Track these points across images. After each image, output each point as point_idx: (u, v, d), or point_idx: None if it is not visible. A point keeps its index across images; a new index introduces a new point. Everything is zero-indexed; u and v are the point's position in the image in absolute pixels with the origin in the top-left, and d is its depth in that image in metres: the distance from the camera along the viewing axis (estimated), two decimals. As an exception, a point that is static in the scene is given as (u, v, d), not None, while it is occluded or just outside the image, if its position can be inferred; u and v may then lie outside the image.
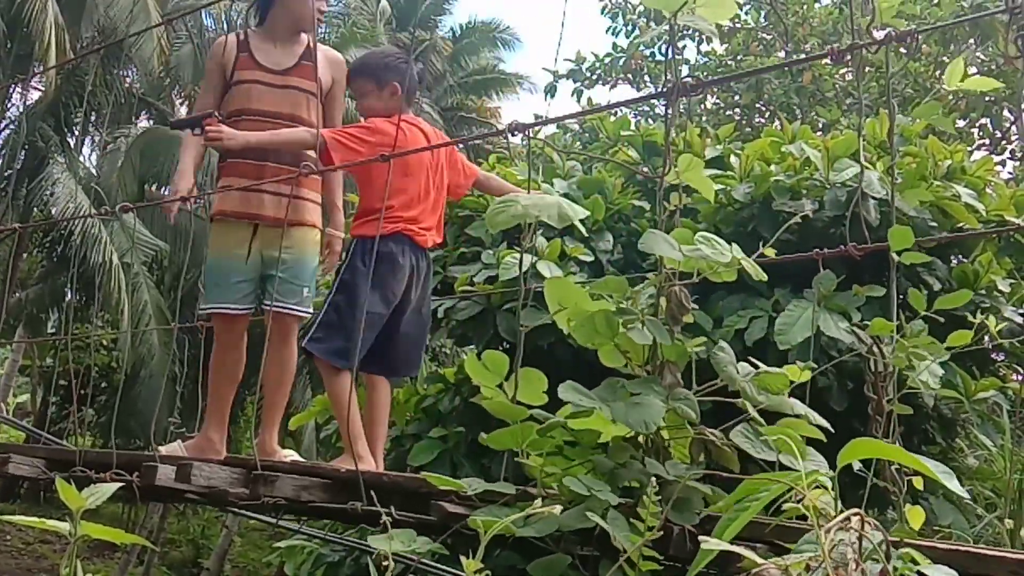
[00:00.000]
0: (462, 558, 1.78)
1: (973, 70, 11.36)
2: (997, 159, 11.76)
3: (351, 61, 4.47)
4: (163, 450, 3.80)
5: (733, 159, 5.66)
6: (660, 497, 2.06)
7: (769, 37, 13.02)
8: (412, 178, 3.84)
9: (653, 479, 2.01)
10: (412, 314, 3.92)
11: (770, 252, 2.45)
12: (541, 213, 2.30)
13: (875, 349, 2.34)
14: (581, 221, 3.41)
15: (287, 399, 4.36)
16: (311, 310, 4.12)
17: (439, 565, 4.19)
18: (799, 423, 2.13)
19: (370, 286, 3.56)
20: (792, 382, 2.32)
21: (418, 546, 2.14)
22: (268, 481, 2.90)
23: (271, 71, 4.18)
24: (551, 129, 11.62)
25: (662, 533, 2.02)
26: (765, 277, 2.41)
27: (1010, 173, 12.01)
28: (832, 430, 2.29)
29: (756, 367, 2.35)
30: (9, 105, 19.76)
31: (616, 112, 6.98)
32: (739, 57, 12.80)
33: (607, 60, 13.51)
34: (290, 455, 4.12)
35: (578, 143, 11.49)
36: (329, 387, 3.83)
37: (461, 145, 19.81)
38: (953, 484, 1.74)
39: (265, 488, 2.88)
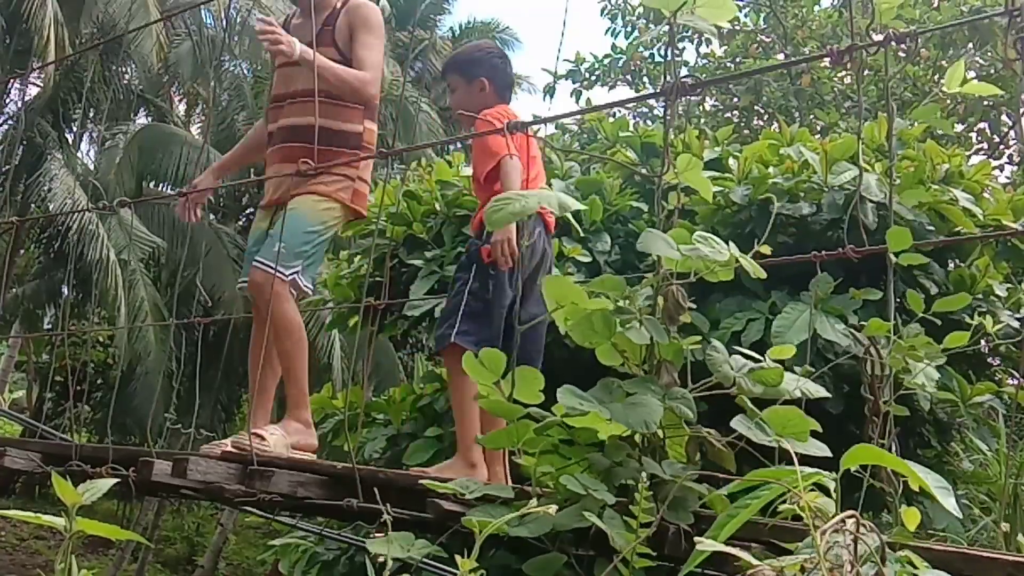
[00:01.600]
0: (457, 557, 1.78)
1: (971, 74, 11.36)
2: (995, 164, 11.78)
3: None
4: (265, 435, 3.61)
5: (731, 161, 5.66)
6: (655, 496, 2.06)
7: (768, 40, 13.03)
8: (533, 163, 3.72)
9: (643, 475, 2.01)
10: (534, 304, 3.54)
11: (766, 250, 2.45)
12: (541, 203, 2.30)
13: (872, 351, 2.34)
14: (579, 221, 3.41)
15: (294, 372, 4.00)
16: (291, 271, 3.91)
17: (435, 563, 4.20)
18: (796, 412, 2.13)
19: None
20: (782, 362, 2.32)
21: (416, 550, 2.13)
22: (264, 477, 2.90)
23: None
24: (550, 129, 11.63)
25: (657, 532, 2.02)
26: (764, 275, 2.41)
27: (1008, 178, 12.04)
28: (832, 411, 2.29)
29: (753, 360, 2.35)
30: (7, 100, 19.76)
31: (614, 113, 6.99)
32: (738, 59, 12.81)
33: (606, 61, 13.52)
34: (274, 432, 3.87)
35: (576, 144, 11.50)
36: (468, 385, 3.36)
37: (459, 145, 19.85)
38: (950, 503, 1.71)
39: (261, 484, 2.88)
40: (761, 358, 2.37)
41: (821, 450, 2.03)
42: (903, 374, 2.46)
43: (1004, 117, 12.31)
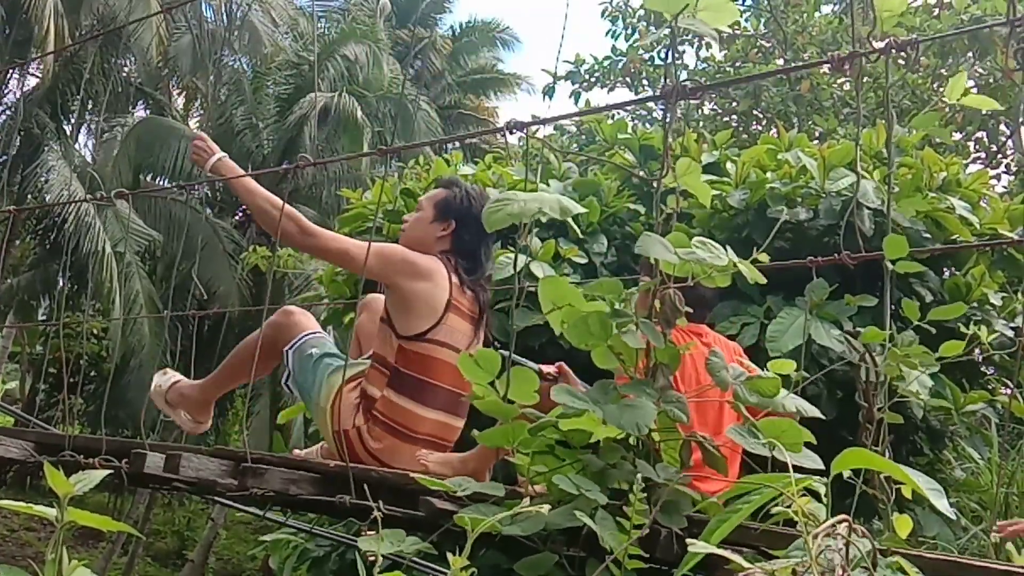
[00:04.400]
0: (449, 555, 1.78)
1: (971, 83, 11.39)
2: (992, 173, 11.81)
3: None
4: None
5: (729, 165, 5.66)
6: (648, 499, 2.06)
7: (768, 45, 13.04)
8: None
9: (639, 477, 2.01)
10: None
11: (764, 257, 2.45)
12: (542, 207, 2.30)
13: (867, 358, 2.35)
14: (576, 223, 3.40)
15: None
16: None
17: (426, 563, 4.20)
18: (791, 424, 2.14)
19: None
20: (782, 376, 2.32)
21: (407, 546, 2.13)
22: (257, 474, 2.89)
23: None
24: (549, 130, 11.65)
25: (650, 536, 2.03)
26: (764, 280, 2.41)
27: (1004, 187, 12.07)
28: (824, 416, 2.29)
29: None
30: (6, 91, 19.75)
31: (613, 115, 6.98)
32: (738, 64, 12.82)
33: (606, 63, 13.52)
34: None
35: (575, 145, 11.51)
36: None
37: (458, 144, 19.84)
38: (942, 504, 1.72)
39: (254, 481, 2.88)
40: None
41: (814, 462, 2.02)
42: (897, 381, 2.46)
43: (1002, 127, 12.34)
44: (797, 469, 1.68)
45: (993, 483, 5.26)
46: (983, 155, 12.67)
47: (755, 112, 12.72)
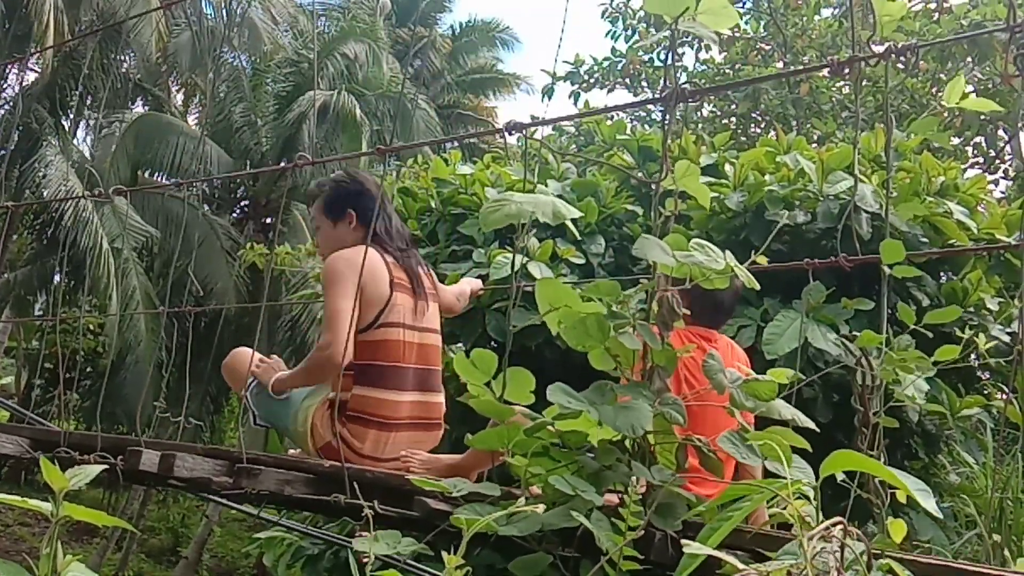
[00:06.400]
0: (444, 554, 1.78)
1: (969, 88, 11.37)
2: (990, 178, 11.81)
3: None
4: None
5: (728, 167, 5.67)
6: (644, 501, 2.06)
7: (768, 47, 13.02)
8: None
9: (634, 480, 2.01)
10: None
11: (762, 260, 2.45)
12: (536, 210, 2.29)
13: (863, 362, 2.35)
14: (573, 223, 3.40)
15: None
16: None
17: (419, 565, 4.19)
18: (785, 431, 2.14)
19: None
20: (780, 386, 2.31)
21: (402, 547, 2.13)
22: (251, 474, 2.89)
23: None
24: (547, 130, 11.63)
25: (644, 538, 2.02)
26: (758, 286, 2.41)
27: (1002, 192, 12.06)
28: (817, 430, 2.29)
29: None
30: (5, 86, 19.73)
31: (612, 116, 6.98)
32: (737, 66, 12.81)
33: (605, 64, 13.51)
34: None
35: (574, 146, 11.50)
36: None
37: (456, 143, 19.84)
38: (930, 504, 1.72)
39: (248, 481, 2.87)
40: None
41: (805, 472, 2.02)
42: (893, 385, 2.46)
43: (1001, 132, 12.33)
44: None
45: (988, 488, 5.25)
46: (981, 160, 12.65)
47: (754, 115, 12.70)
